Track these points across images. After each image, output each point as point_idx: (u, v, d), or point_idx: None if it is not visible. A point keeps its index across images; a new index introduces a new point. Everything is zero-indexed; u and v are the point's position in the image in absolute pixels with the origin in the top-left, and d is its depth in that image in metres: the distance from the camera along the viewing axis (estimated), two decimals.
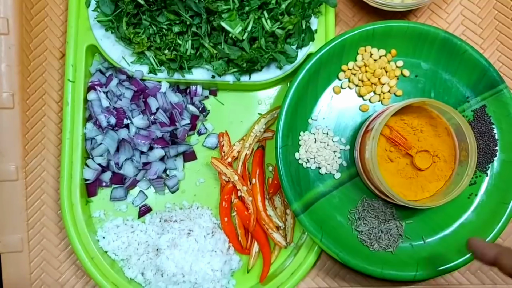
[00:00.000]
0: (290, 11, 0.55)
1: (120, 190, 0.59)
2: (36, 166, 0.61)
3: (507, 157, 0.57)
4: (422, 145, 0.54)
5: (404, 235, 0.56)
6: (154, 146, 0.58)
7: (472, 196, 0.57)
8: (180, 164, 0.60)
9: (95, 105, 0.59)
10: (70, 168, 0.57)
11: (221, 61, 0.58)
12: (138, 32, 0.57)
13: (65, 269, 0.60)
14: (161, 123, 0.58)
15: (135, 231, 0.58)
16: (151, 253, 0.57)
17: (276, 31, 0.55)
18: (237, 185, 0.59)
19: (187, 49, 0.57)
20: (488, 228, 0.55)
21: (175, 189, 0.60)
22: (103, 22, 0.58)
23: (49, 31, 0.63)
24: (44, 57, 0.63)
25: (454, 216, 0.57)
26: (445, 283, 0.59)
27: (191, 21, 0.55)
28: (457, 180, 0.52)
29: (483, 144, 0.57)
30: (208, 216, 0.59)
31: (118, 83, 0.60)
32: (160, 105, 0.59)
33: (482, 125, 0.57)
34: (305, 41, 0.58)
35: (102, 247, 0.58)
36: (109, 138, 0.57)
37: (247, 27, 0.54)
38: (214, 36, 0.56)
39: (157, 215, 0.59)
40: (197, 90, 0.61)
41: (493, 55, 0.64)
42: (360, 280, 0.59)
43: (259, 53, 0.55)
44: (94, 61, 0.62)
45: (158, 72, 0.59)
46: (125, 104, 0.59)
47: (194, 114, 0.61)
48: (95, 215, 0.59)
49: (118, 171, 0.59)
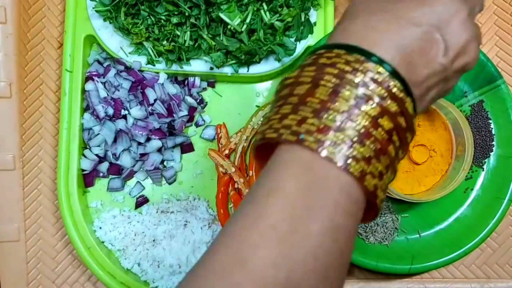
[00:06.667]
0: (289, 4, 0.55)
1: (117, 181, 0.59)
2: (33, 156, 0.60)
3: (504, 152, 0.57)
4: (418, 139, 0.54)
5: (400, 228, 0.56)
6: (151, 137, 0.58)
7: (468, 191, 0.57)
8: (177, 155, 0.60)
9: (92, 95, 0.59)
10: (67, 158, 0.57)
11: (219, 53, 0.58)
12: (137, 22, 0.57)
13: (61, 259, 0.60)
14: (159, 114, 0.58)
15: (132, 222, 0.59)
16: (148, 243, 0.58)
17: (275, 23, 0.55)
18: (234, 177, 0.59)
19: (185, 40, 0.57)
20: (483, 223, 0.56)
21: (172, 180, 0.60)
22: (101, 12, 0.58)
23: (47, 20, 0.63)
24: (42, 46, 0.62)
25: (450, 210, 0.57)
26: (439, 277, 0.60)
27: (190, 12, 0.55)
28: (453, 175, 0.53)
29: (479, 139, 0.57)
30: (205, 208, 0.59)
31: (116, 73, 0.59)
32: (158, 96, 0.58)
33: (479, 120, 0.58)
34: (304, 33, 0.58)
35: (99, 237, 0.58)
36: (107, 129, 0.57)
37: (246, 19, 0.54)
38: (212, 27, 0.56)
39: (154, 206, 0.59)
40: (195, 81, 0.61)
41: (492, 50, 0.64)
42: (355, 273, 0.60)
43: (258, 45, 0.55)
44: (92, 51, 0.61)
45: (156, 63, 0.59)
46: (123, 95, 0.58)
47: (192, 106, 0.61)
48: (92, 205, 0.59)
49: (115, 162, 0.59)
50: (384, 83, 0.28)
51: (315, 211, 0.26)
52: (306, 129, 0.27)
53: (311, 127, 0.27)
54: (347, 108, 0.27)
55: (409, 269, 0.54)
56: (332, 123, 0.27)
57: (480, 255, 0.60)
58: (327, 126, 0.27)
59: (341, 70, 0.28)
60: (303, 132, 0.27)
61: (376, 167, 0.28)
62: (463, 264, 0.60)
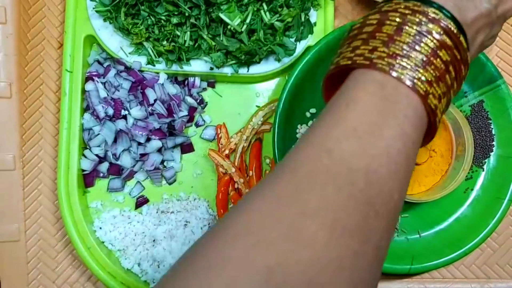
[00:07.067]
0: (289, 4, 0.55)
1: (117, 181, 0.59)
2: (33, 156, 0.61)
3: (504, 152, 0.57)
4: None
5: (400, 228, 0.56)
6: (151, 138, 0.58)
7: (468, 191, 0.57)
8: (177, 155, 0.60)
9: (92, 95, 0.59)
10: (67, 158, 0.57)
11: (219, 53, 0.58)
12: (137, 23, 0.57)
13: (62, 259, 0.60)
14: (159, 114, 0.58)
15: (132, 222, 0.59)
16: (148, 244, 0.58)
17: (275, 23, 0.55)
18: (234, 177, 0.59)
19: (185, 41, 0.57)
20: (483, 223, 0.55)
21: (172, 181, 0.60)
22: (102, 12, 0.58)
23: (47, 20, 0.63)
24: (42, 46, 0.63)
25: (450, 211, 0.57)
26: (439, 277, 0.60)
27: (190, 12, 0.55)
28: (454, 175, 0.53)
29: (480, 139, 0.57)
30: (205, 208, 0.59)
31: (116, 73, 0.59)
32: (158, 96, 0.58)
33: (479, 120, 0.58)
34: (304, 34, 0.58)
35: (99, 238, 0.58)
36: (107, 129, 0.57)
37: (246, 19, 0.54)
38: (212, 27, 0.56)
39: (154, 206, 0.59)
40: (195, 82, 0.61)
41: (492, 50, 0.64)
42: None
43: (258, 46, 0.55)
44: (92, 51, 0.61)
45: (156, 63, 0.59)
46: (123, 95, 0.59)
47: (192, 106, 0.61)
48: (92, 205, 0.59)
49: (116, 162, 0.59)
50: (441, 22, 0.33)
51: (388, 120, 0.30)
52: (377, 55, 0.32)
53: (382, 54, 0.32)
54: (411, 40, 0.32)
55: (409, 269, 0.54)
56: (400, 51, 0.32)
57: (480, 255, 0.60)
58: (395, 53, 0.32)
59: (402, 14, 0.33)
60: (375, 58, 0.32)
61: (436, 90, 0.32)
62: (463, 264, 0.60)
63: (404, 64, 0.32)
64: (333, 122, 0.31)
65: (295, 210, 0.28)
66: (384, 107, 0.31)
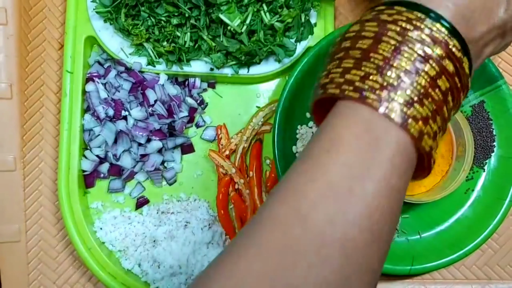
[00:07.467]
0: (289, 4, 0.55)
1: (117, 182, 0.60)
2: (34, 157, 0.61)
3: (505, 153, 0.57)
4: None
5: (400, 229, 0.56)
6: (152, 138, 0.58)
7: (468, 192, 0.57)
8: (178, 156, 0.60)
9: (93, 96, 0.59)
10: (68, 159, 0.57)
11: (219, 54, 0.58)
12: (137, 23, 0.57)
13: (62, 260, 0.60)
14: (159, 115, 0.58)
15: (132, 223, 0.59)
16: (148, 244, 0.58)
17: (275, 24, 0.55)
18: (234, 178, 0.59)
19: (185, 41, 0.57)
20: (484, 224, 0.55)
21: (172, 181, 0.60)
22: (102, 13, 0.58)
23: (47, 21, 0.63)
24: (42, 47, 0.63)
25: (451, 211, 0.57)
26: (440, 278, 0.60)
27: (190, 13, 0.55)
28: (454, 175, 0.52)
29: (480, 139, 0.57)
30: (205, 209, 0.59)
31: (116, 74, 0.60)
32: (158, 97, 0.59)
33: (480, 120, 0.57)
34: (304, 34, 0.58)
35: (100, 238, 0.58)
36: (107, 130, 0.58)
37: (246, 20, 0.54)
38: (212, 28, 0.56)
39: (154, 207, 0.59)
40: (195, 82, 0.61)
41: None
42: None
43: (258, 46, 0.55)
44: (93, 52, 0.61)
45: (157, 64, 0.59)
46: (123, 96, 0.59)
47: (192, 107, 0.61)
48: (92, 206, 0.60)
49: (116, 163, 0.59)
50: (443, 42, 0.29)
51: (372, 171, 0.27)
52: (369, 86, 0.28)
53: (374, 84, 0.28)
54: (409, 67, 0.28)
55: (409, 270, 0.54)
56: (395, 81, 0.28)
57: (481, 256, 0.60)
58: (390, 84, 0.28)
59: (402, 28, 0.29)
60: (366, 89, 0.28)
61: (432, 128, 0.29)
62: (464, 265, 0.60)
63: (397, 99, 0.27)
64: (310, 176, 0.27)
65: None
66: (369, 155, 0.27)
